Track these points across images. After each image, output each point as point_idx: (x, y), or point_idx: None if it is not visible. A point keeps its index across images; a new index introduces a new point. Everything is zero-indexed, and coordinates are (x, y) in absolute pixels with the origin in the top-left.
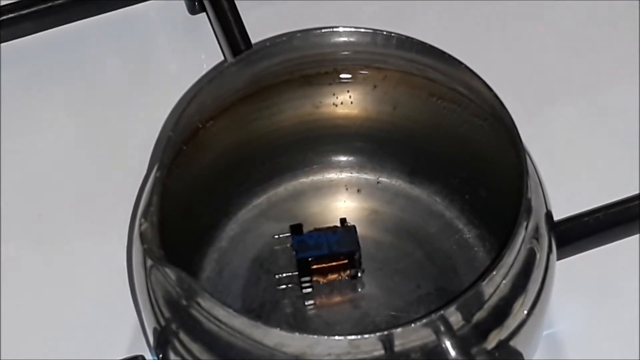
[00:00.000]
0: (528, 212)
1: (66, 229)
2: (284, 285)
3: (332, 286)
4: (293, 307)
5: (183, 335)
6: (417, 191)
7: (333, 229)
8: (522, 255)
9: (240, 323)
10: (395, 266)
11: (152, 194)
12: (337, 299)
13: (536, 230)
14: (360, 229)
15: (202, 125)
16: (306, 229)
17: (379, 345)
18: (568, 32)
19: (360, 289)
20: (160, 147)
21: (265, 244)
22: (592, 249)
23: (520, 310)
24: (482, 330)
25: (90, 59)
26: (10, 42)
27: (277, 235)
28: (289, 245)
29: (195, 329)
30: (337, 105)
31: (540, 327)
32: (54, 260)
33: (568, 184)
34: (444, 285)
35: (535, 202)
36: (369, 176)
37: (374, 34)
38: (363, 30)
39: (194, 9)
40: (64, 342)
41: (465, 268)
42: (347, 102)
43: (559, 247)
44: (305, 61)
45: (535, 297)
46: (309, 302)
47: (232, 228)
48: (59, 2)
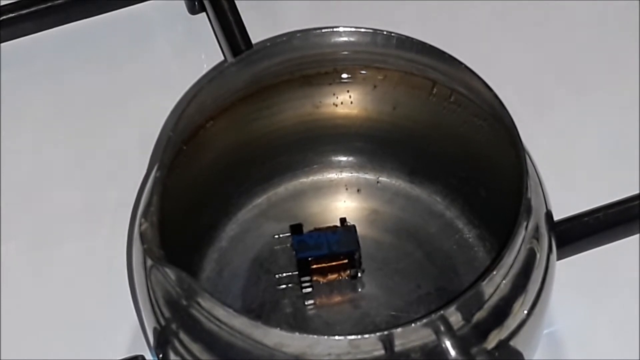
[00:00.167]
0: (528, 212)
1: (66, 229)
2: (284, 285)
3: (332, 286)
4: (293, 307)
5: (183, 335)
6: (417, 191)
7: (333, 229)
8: (522, 255)
9: (240, 323)
10: (395, 266)
11: (152, 194)
12: (337, 299)
13: (536, 230)
14: (360, 228)
15: (202, 125)
16: (306, 228)
17: (379, 345)
18: (568, 32)
19: (360, 289)
20: (160, 147)
21: (265, 244)
22: (592, 249)
23: (520, 310)
24: (482, 330)
25: (90, 59)
26: (10, 42)
27: (277, 235)
28: (289, 245)
29: (195, 329)
30: (337, 105)
31: (540, 326)
32: (54, 260)
33: (568, 184)
34: (444, 285)
35: (535, 202)
36: (369, 176)
37: (374, 34)
38: (363, 30)
39: (194, 9)
40: (64, 342)
41: (465, 268)
42: (347, 102)
43: (559, 247)
44: (305, 61)
45: (535, 297)
46: (309, 302)
47: (232, 228)
48: (59, 2)
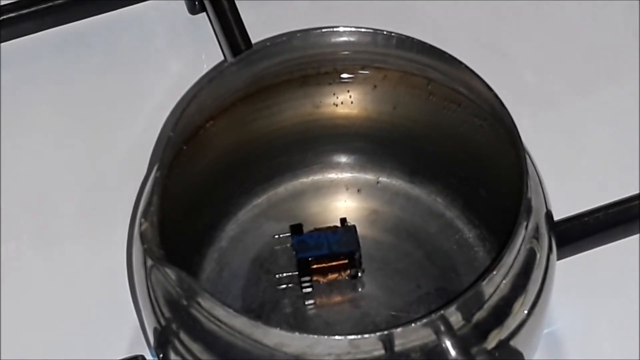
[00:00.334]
0: (528, 212)
1: (66, 229)
2: (284, 285)
3: (332, 286)
4: (293, 307)
5: (183, 335)
6: (417, 191)
7: (333, 229)
8: (522, 255)
9: (240, 323)
10: (395, 266)
11: (152, 194)
12: (337, 298)
13: (536, 230)
14: (360, 229)
15: (202, 125)
16: (306, 228)
17: (379, 345)
18: (568, 32)
19: (360, 288)
20: (160, 147)
21: (265, 244)
22: (592, 249)
23: (520, 310)
24: (482, 330)
25: (90, 59)
26: (10, 42)
27: (277, 235)
28: (289, 245)
29: (195, 329)
30: (337, 105)
31: (541, 326)
32: (54, 260)
33: (568, 184)
34: (444, 285)
35: (535, 202)
36: (369, 176)
37: (374, 34)
38: (363, 30)
39: (194, 9)
40: (64, 342)
41: (465, 268)
42: (347, 102)
43: (559, 247)
44: (305, 61)
45: (535, 297)
46: (309, 302)
47: (232, 228)
48: (59, 2)
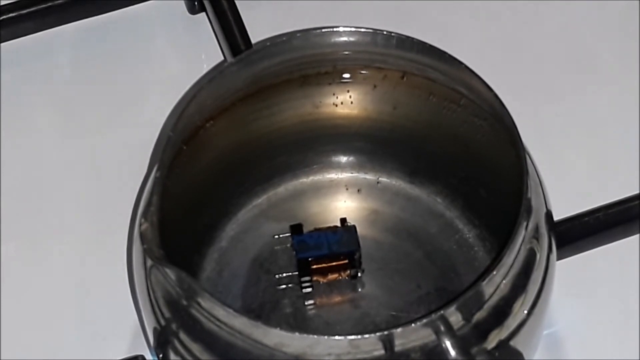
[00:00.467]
0: (528, 212)
1: (66, 229)
2: (284, 285)
3: (332, 286)
4: (293, 307)
5: (183, 335)
6: (417, 191)
7: (333, 229)
8: (522, 255)
9: (240, 323)
10: (395, 266)
11: (152, 194)
12: (337, 299)
13: (536, 230)
14: (360, 229)
15: (202, 125)
16: (306, 229)
17: (379, 345)
18: (568, 31)
19: (360, 289)
20: (160, 147)
21: (265, 244)
22: (592, 249)
23: (520, 310)
24: (482, 330)
25: (90, 59)
26: (10, 42)
27: (277, 235)
28: (289, 245)
29: (195, 329)
30: (337, 105)
31: (540, 327)
32: (54, 260)
33: (568, 184)
34: (444, 285)
35: (535, 202)
36: (369, 176)
37: (374, 34)
38: (363, 30)
39: (194, 8)
40: (64, 342)
41: (465, 268)
42: (347, 102)
43: (559, 247)
44: (305, 61)
45: (535, 297)
46: (309, 302)
47: (232, 228)
48: (59, 2)
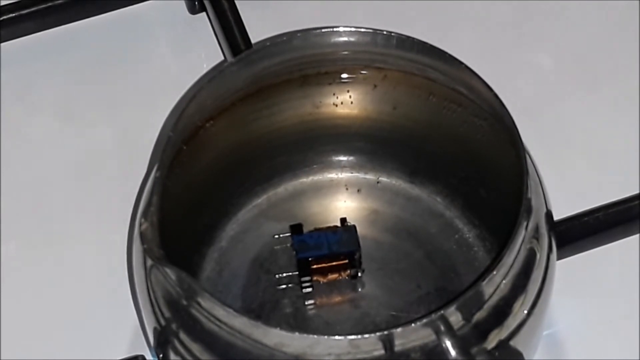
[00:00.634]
0: (528, 212)
1: (66, 229)
2: (284, 285)
3: (332, 286)
4: (293, 307)
5: (183, 335)
6: (417, 191)
7: (333, 229)
8: (522, 255)
9: (240, 323)
10: (395, 266)
11: (152, 194)
12: (337, 298)
13: (536, 230)
14: (360, 228)
15: (202, 125)
16: (306, 228)
17: (379, 345)
18: (568, 31)
19: (360, 288)
20: (160, 147)
21: (265, 244)
22: (592, 249)
23: (520, 310)
24: (482, 330)
25: (90, 59)
26: (10, 42)
27: (277, 235)
28: (289, 245)
29: (195, 329)
30: (337, 105)
31: (540, 327)
32: (54, 260)
33: (568, 184)
34: (444, 285)
35: (535, 202)
36: (369, 176)
37: (374, 34)
38: (363, 30)
39: (194, 8)
40: (64, 342)
41: (465, 268)
42: (347, 102)
43: (559, 247)
44: (305, 61)
45: (535, 297)
46: (309, 302)
47: (232, 228)
48: (59, 2)
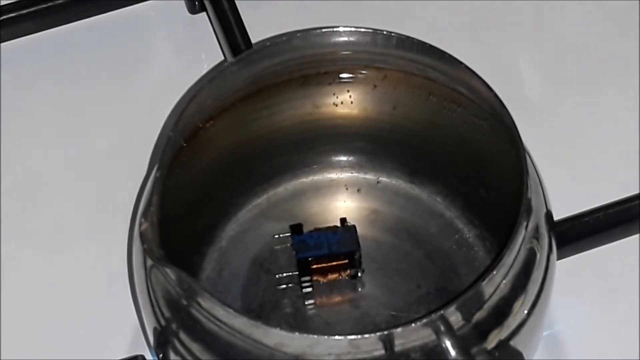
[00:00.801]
0: (528, 212)
1: (66, 229)
2: (284, 285)
3: (332, 286)
4: (293, 307)
5: (183, 335)
6: (417, 191)
7: (333, 229)
8: (522, 255)
9: (240, 323)
10: (395, 266)
11: (152, 194)
12: (337, 298)
13: (536, 230)
14: (360, 228)
15: (202, 125)
16: (306, 228)
17: (379, 345)
18: (568, 31)
19: (360, 288)
20: (160, 147)
21: (265, 244)
22: (592, 249)
23: (520, 310)
24: (482, 330)
25: (90, 59)
26: (10, 42)
27: (277, 235)
28: (289, 245)
29: (195, 329)
30: (337, 105)
31: (540, 327)
32: (54, 260)
33: (568, 184)
34: (444, 285)
35: (535, 202)
36: (369, 176)
37: (374, 34)
38: (363, 30)
39: (194, 8)
40: (64, 342)
41: (465, 268)
42: (347, 102)
43: (559, 247)
44: (305, 61)
45: (535, 297)
46: (309, 302)
47: (232, 228)
48: (59, 2)
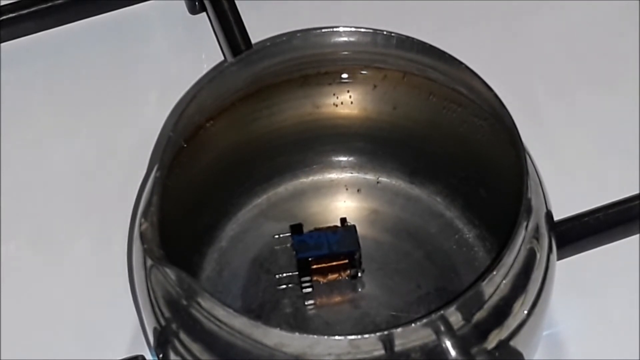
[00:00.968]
0: (528, 212)
1: (66, 229)
2: (284, 285)
3: (332, 286)
4: (293, 307)
5: (183, 335)
6: (417, 191)
7: (333, 229)
8: (522, 255)
9: (240, 323)
10: (395, 266)
11: (152, 194)
12: (337, 299)
13: (536, 230)
14: (360, 229)
15: (202, 125)
16: (306, 228)
17: (379, 345)
18: (568, 32)
19: (360, 289)
20: (160, 147)
21: (265, 244)
22: (592, 249)
23: (520, 310)
24: (482, 330)
25: (90, 59)
26: (10, 42)
27: (277, 235)
28: (289, 245)
29: (195, 329)
30: (337, 105)
31: (540, 327)
32: (54, 260)
33: (568, 184)
34: (444, 285)
35: (535, 202)
36: (369, 176)
37: (374, 34)
38: (363, 30)
39: (194, 8)
40: (64, 342)
41: (465, 268)
42: (347, 102)
43: (559, 247)
44: (305, 61)
45: (535, 297)
46: (309, 302)
47: (232, 228)
48: (59, 2)
